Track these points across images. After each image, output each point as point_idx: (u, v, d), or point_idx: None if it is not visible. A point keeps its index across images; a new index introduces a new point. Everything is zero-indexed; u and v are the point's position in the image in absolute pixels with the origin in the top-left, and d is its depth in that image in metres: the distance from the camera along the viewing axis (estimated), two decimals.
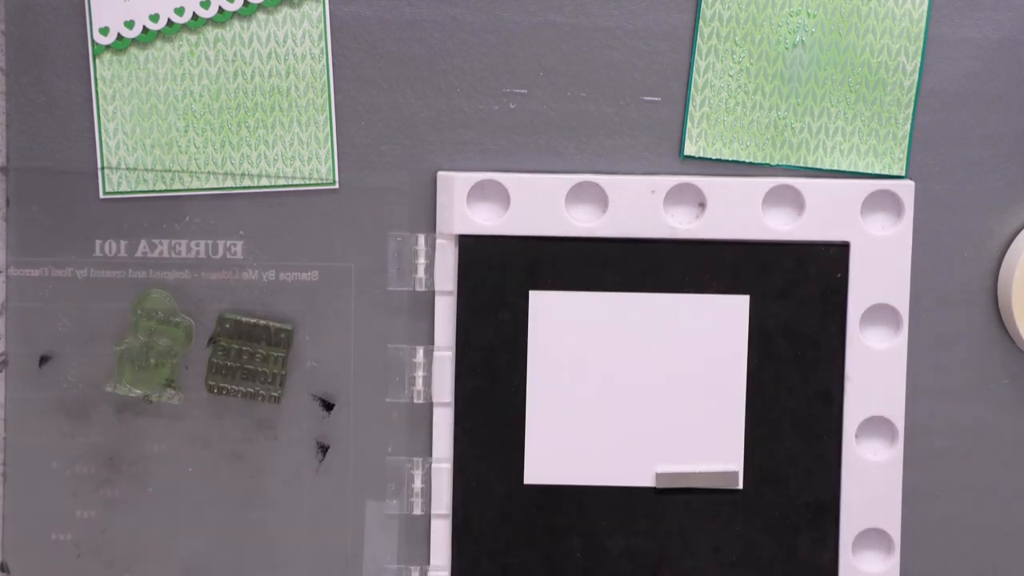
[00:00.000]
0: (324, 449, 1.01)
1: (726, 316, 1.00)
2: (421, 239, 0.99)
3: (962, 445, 1.01)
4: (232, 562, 1.02)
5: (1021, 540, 1.02)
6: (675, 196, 1.00)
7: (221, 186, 0.99)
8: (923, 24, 0.98)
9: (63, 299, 1.00)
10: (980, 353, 1.01)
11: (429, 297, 1.00)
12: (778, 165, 1.00)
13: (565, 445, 1.00)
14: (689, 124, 0.99)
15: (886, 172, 0.99)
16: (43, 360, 1.01)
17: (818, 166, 1.00)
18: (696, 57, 0.99)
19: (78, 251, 1.00)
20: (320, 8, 0.98)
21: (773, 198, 1.00)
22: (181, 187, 0.99)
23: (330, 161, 0.99)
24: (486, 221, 1.00)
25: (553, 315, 1.00)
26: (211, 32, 0.98)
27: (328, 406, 1.01)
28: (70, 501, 1.01)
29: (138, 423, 1.01)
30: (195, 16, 0.97)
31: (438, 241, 0.99)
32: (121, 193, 0.99)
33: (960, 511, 1.02)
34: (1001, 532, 1.02)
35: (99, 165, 0.99)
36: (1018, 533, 1.02)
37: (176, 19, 0.97)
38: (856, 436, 1.00)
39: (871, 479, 1.01)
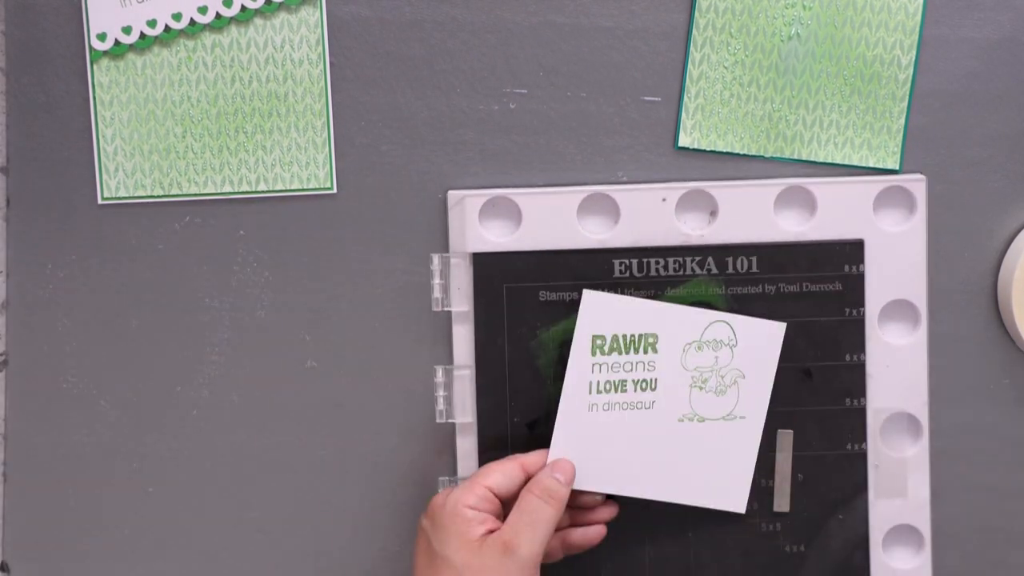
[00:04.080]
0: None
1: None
2: (436, 259, 0.99)
3: (963, 444, 1.01)
4: (236, 563, 1.03)
5: (1020, 539, 1.03)
6: (686, 203, 0.99)
7: (219, 191, 0.99)
8: (918, 18, 0.98)
9: (65, 300, 1.00)
10: (980, 353, 1.01)
11: (445, 316, 1.01)
12: (772, 157, 1.00)
13: (590, 458, 1.00)
14: (684, 116, 0.99)
15: (880, 166, 0.99)
16: (45, 362, 1.01)
17: (812, 159, 1.00)
18: (691, 49, 0.99)
19: (80, 252, 1.00)
20: (317, 13, 0.97)
21: (784, 200, 1.00)
22: (179, 192, 0.99)
23: (328, 166, 0.99)
24: (499, 238, 0.99)
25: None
26: (208, 38, 0.97)
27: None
28: (74, 500, 1.02)
29: (141, 423, 1.01)
30: (192, 22, 0.97)
31: (452, 260, 0.99)
32: (119, 198, 0.99)
33: (961, 511, 1.02)
34: (1001, 532, 1.03)
35: (97, 170, 0.99)
36: (1018, 532, 1.03)
37: (174, 25, 0.97)
38: (880, 433, 1.01)
39: (897, 474, 1.01)
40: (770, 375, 0.99)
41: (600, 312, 0.98)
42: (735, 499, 0.99)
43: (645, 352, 0.98)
